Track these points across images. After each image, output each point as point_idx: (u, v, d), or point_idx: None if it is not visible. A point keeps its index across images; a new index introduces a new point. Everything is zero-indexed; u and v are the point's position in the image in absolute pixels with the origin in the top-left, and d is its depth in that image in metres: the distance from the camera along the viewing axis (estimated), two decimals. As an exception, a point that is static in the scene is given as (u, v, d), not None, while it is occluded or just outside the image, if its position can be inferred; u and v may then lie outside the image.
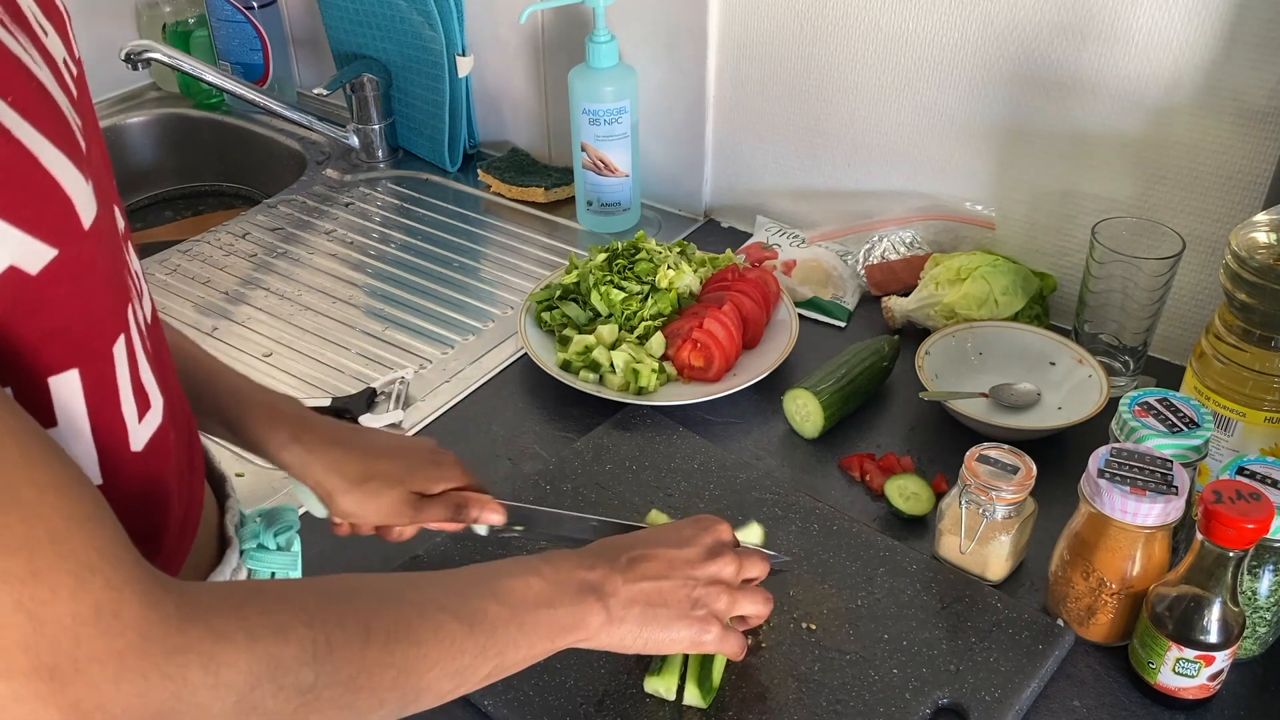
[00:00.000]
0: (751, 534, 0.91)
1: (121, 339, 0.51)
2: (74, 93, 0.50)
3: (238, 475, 1.05)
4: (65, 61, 0.51)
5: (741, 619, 0.78)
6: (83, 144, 0.49)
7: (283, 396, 0.81)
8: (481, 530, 0.86)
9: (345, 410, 1.10)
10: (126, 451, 0.52)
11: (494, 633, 0.61)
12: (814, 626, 0.86)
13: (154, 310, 0.60)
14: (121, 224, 0.57)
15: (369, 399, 1.13)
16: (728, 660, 0.81)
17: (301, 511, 0.78)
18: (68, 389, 0.48)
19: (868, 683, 0.81)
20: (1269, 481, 0.79)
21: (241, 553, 0.68)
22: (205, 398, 0.76)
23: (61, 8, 0.54)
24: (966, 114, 1.19)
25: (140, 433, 0.53)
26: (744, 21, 1.28)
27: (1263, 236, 0.86)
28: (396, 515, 0.82)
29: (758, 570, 0.78)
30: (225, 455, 1.06)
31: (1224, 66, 1.02)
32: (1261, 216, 0.88)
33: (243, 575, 0.67)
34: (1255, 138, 1.03)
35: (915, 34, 1.18)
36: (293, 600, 0.52)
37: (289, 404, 0.81)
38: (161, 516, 0.56)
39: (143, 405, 0.53)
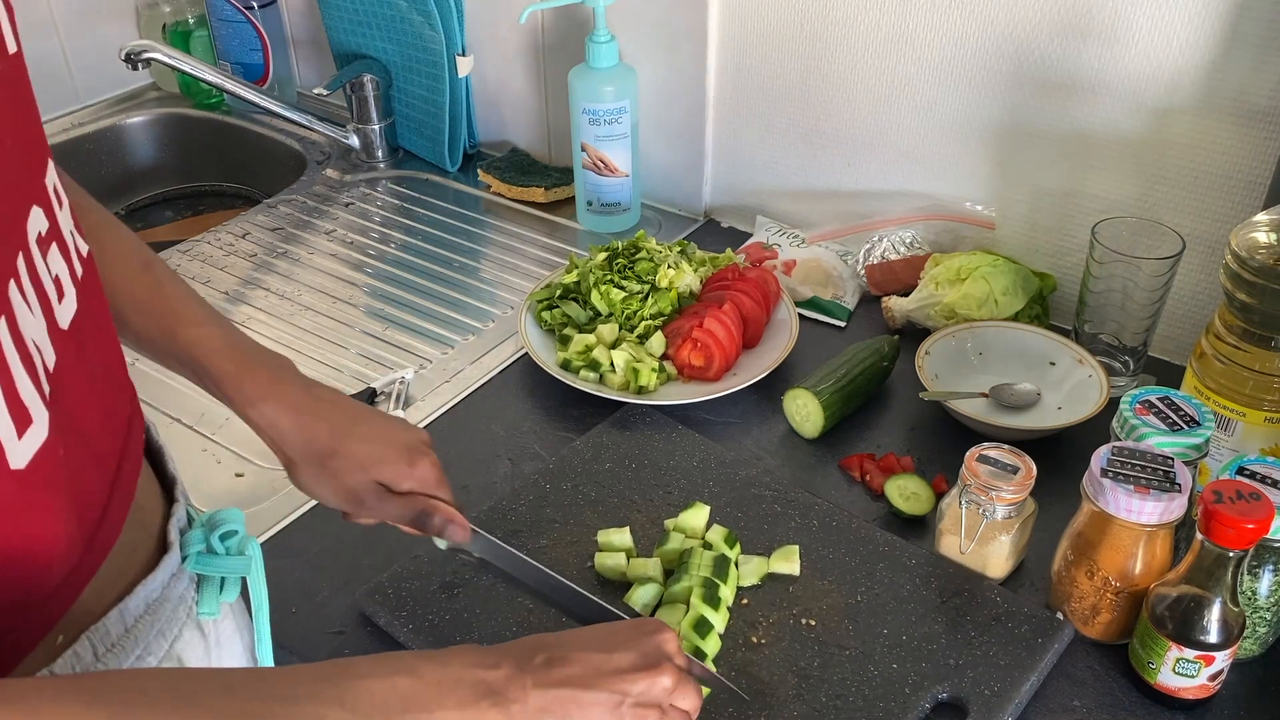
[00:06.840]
0: (698, 514, 0.92)
1: None
2: None
3: (237, 475, 1.05)
4: None
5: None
6: None
7: (265, 350, 0.75)
8: (441, 545, 0.80)
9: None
10: (6, 470, 0.47)
11: None
12: (813, 622, 0.86)
13: (80, 318, 0.55)
14: (46, 225, 0.52)
15: (369, 399, 1.13)
16: (725, 657, 0.80)
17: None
18: None
19: (867, 678, 0.81)
20: (1269, 481, 0.79)
21: (185, 558, 0.64)
22: (178, 339, 0.71)
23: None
24: (966, 114, 1.19)
25: (20, 450, 0.48)
26: (744, 21, 1.29)
27: (1263, 236, 0.86)
28: (354, 503, 0.77)
29: (690, 703, 0.67)
30: (225, 456, 1.07)
31: (1224, 66, 1.02)
32: (1261, 216, 0.88)
33: (183, 581, 0.63)
34: (1255, 138, 1.03)
35: (915, 34, 1.18)
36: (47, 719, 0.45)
37: (269, 358, 0.75)
38: (55, 532, 0.52)
39: (21, 422, 0.48)
